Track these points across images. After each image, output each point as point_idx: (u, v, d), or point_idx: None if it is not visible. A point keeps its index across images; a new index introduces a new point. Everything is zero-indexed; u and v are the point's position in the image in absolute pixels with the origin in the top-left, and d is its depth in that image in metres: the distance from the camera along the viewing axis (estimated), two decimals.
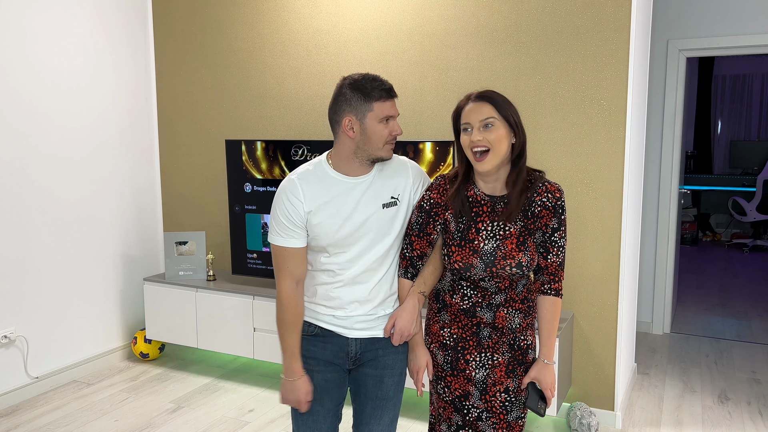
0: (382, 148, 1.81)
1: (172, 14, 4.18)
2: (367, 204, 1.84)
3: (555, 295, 1.82)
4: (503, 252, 1.74)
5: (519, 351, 1.85)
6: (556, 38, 3.14)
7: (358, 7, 3.59)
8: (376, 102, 1.77)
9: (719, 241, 8.57)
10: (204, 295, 3.79)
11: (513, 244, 1.74)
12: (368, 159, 1.83)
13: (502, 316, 1.82)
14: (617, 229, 3.11)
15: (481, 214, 1.78)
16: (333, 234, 1.83)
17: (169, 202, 4.38)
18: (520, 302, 1.83)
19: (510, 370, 1.84)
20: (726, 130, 9.31)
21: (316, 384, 1.91)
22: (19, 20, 3.44)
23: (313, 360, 1.92)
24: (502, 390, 1.84)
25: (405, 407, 3.42)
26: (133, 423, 3.27)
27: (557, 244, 1.78)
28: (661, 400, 3.57)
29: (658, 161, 4.59)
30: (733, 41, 4.27)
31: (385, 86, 1.79)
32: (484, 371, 1.84)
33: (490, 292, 1.81)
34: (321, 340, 1.92)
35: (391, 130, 1.80)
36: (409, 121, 3.54)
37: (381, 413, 1.98)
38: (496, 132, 1.70)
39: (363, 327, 1.92)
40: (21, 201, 3.50)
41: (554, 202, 1.76)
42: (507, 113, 1.71)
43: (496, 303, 1.81)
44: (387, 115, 1.79)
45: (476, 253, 1.76)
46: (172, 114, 4.28)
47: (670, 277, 4.66)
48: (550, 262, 1.80)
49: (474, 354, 1.84)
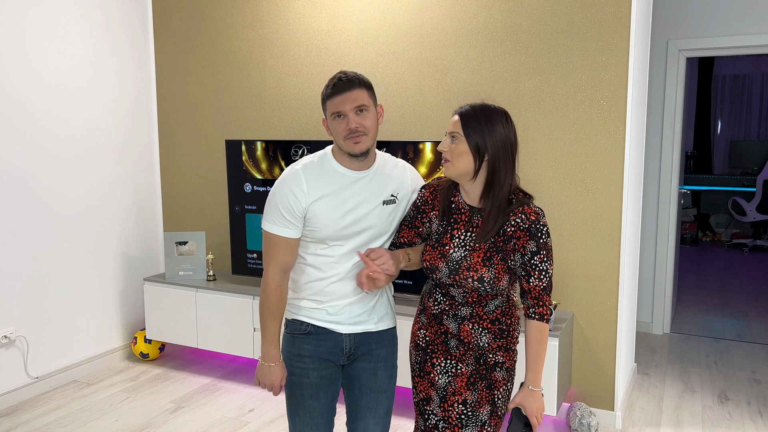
0: (343, 143, 1.82)
1: (172, 14, 4.18)
2: (369, 198, 1.87)
3: (539, 319, 1.77)
4: (468, 263, 1.75)
5: (484, 366, 1.82)
6: (556, 38, 3.14)
7: (358, 7, 3.59)
8: (328, 100, 1.82)
9: (719, 241, 8.57)
10: (204, 295, 3.79)
11: (479, 257, 1.75)
12: (346, 153, 1.85)
13: (467, 331, 1.81)
14: (617, 229, 3.11)
15: (459, 221, 1.81)
16: (333, 225, 1.84)
17: (169, 202, 4.38)
18: (489, 322, 1.81)
19: (471, 383, 1.82)
20: (726, 130, 9.31)
21: (312, 381, 1.93)
22: (20, 20, 3.44)
23: (308, 358, 1.93)
24: (460, 401, 1.83)
25: (403, 407, 3.42)
26: (133, 423, 3.27)
27: (538, 267, 1.74)
28: (661, 400, 3.57)
29: (658, 161, 4.59)
30: (733, 41, 4.27)
31: (332, 82, 1.81)
32: (447, 378, 1.84)
33: (457, 302, 1.82)
34: (314, 338, 1.92)
35: (346, 125, 1.79)
36: (409, 121, 3.54)
37: (376, 406, 2.00)
38: (457, 147, 1.72)
39: (356, 321, 1.94)
40: (21, 201, 3.50)
41: (528, 224, 1.72)
42: (471, 135, 1.70)
43: (462, 315, 1.81)
44: (335, 111, 1.80)
45: (444, 257, 1.79)
46: (172, 114, 4.28)
47: (670, 277, 4.66)
48: (533, 286, 1.75)
49: (441, 359, 1.86)
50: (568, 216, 3.21)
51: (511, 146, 1.73)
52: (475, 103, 1.76)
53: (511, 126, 1.75)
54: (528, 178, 3.27)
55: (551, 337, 2.95)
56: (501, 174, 1.72)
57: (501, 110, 1.75)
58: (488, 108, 1.74)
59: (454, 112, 1.77)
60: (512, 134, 1.74)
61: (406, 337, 3.24)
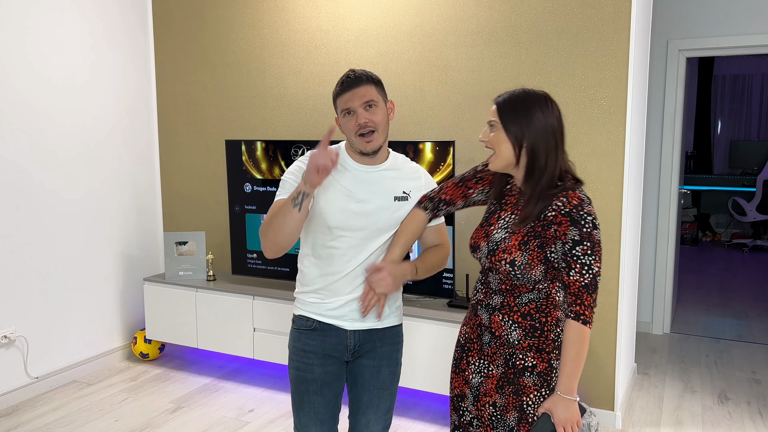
0: (354, 140, 1.86)
1: (172, 14, 4.18)
2: (380, 193, 1.90)
3: (576, 319, 1.62)
4: (505, 245, 1.72)
5: (512, 369, 1.74)
6: (556, 38, 3.14)
7: (358, 7, 3.59)
8: (338, 98, 1.86)
9: (719, 241, 8.56)
10: (204, 295, 3.79)
11: (516, 241, 1.70)
12: (358, 151, 1.89)
13: (497, 322, 1.76)
14: (617, 229, 3.11)
15: (508, 203, 1.80)
16: (338, 212, 1.87)
17: (169, 202, 4.38)
18: (520, 315, 1.73)
19: (499, 386, 1.78)
20: (726, 130, 9.31)
21: (317, 376, 1.94)
22: (19, 20, 3.44)
23: (312, 354, 1.95)
24: (491, 403, 1.80)
25: (405, 407, 3.42)
26: (133, 423, 3.27)
27: (581, 260, 1.60)
28: (661, 400, 3.57)
29: (658, 161, 4.59)
30: (733, 41, 4.27)
31: (341, 80, 1.85)
32: (479, 378, 1.82)
33: (491, 289, 1.79)
34: (320, 334, 1.95)
35: (355, 121, 1.83)
36: (409, 121, 3.54)
37: (378, 402, 2.02)
38: (496, 136, 1.71)
39: (361, 318, 1.95)
40: (21, 201, 3.50)
41: (569, 209, 1.62)
42: (507, 123, 1.68)
43: (493, 304, 1.78)
44: (344, 108, 1.84)
45: (487, 237, 1.77)
46: (172, 114, 4.28)
47: (670, 277, 4.66)
48: (573, 281, 1.62)
49: (475, 358, 1.84)
50: None
51: (553, 131, 1.69)
52: (514, 90, 1.74)
53: (552, 110, 1.69)
54: None
55: None
56: (541, 160, 1.68)
57: (540, 95, 1.70)
58: (527, 94, 1.71)
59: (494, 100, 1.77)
60: (553, 119, 1.69)
61: (412, 336, 3.24)
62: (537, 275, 1.68)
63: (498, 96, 1.76)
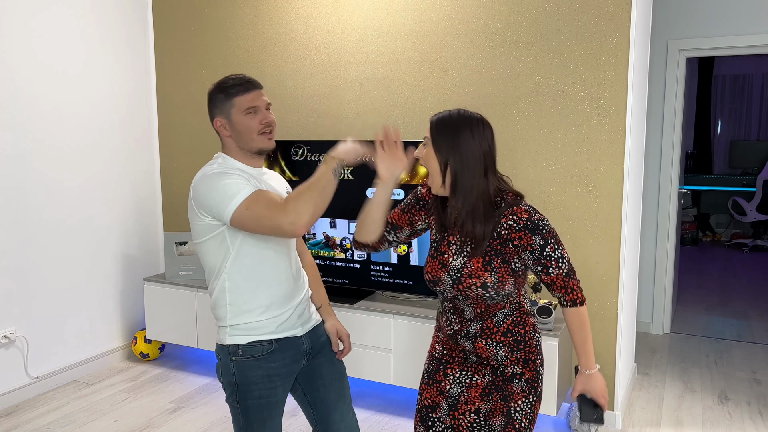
0: (256, 138, 1.84)
1: (172, 14, 4.18)
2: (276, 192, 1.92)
3: (572, 306, 1.74)
4: (469, 270, 1.72)
5: (501, 377, 1.80)
6: (556, 38, 3.14)
7: (358, 6, 3.59)
8: (236, 97, 1.82)
9: (719, 241, 8.56)
10: (204, 295, 3.79)
11: (479, 263, 1.71)
12: (251, 152, 1.87)
13: (482, 347, 1.78)
14: (617, 229, 3.11)
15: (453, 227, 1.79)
16: None
17: (169, 202, 4.38)
18: (501, 334, 1.77)
19: (485, 393, 1.81)
20: (726, 130, 9.31)
21: (279, 398, 1.87)
22: (21, 18, 3.44)
23: (276, 377, 1.85)
24: (473, 410, 1.81)
25: (405, 407, 3.42)
26: (133, 423, 3.27)
27: (553, 257, 1.70)
28: (661, 400, 3.57)
29: (658, 161, 4.59)
30: (733, 41, 4.27)
31: (238, 81, 1.83)
32: (459, 387, 1.83)
33: (466, 318, 1.78)
34: (279, 353, 1.85)
35: (260, 120, 1.83)
36: (409, 121, 3.54)
37: (343, 392, 2.03)
38: (427, 152, 1.74)
39: (306, 319, 1.95)
40: (21, 201, 3.50)
41: (523, 224, 1.68)
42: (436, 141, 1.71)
43: (473, 332, 1.78)
44: (250, 106, 1.82)
45: (444, 268, 1.76)
46: (172, 114, 4.28)
47: (670, 277, 4.66)
48: (555, 276, 1.72)
49: (455, 369, 1.84)
50: (568, 216, 3.21)
51: (482, 155, 1.69)
52: (450, 111, 1.75)
53: (483, 134, 1.70)
54: (528, 178, 3.27)
55: (551, 337, 2.94)
56: (464, 182, 1.69)
57: (475, 118, 1.71)
58: (460, 116, 1.71)
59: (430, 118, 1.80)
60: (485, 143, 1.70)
61: (413, 336, 3.24)
62: (509, 289, 1.73)
63: (434, 114, 1.77)
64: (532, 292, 3.17)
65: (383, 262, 3.39)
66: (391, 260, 3.37)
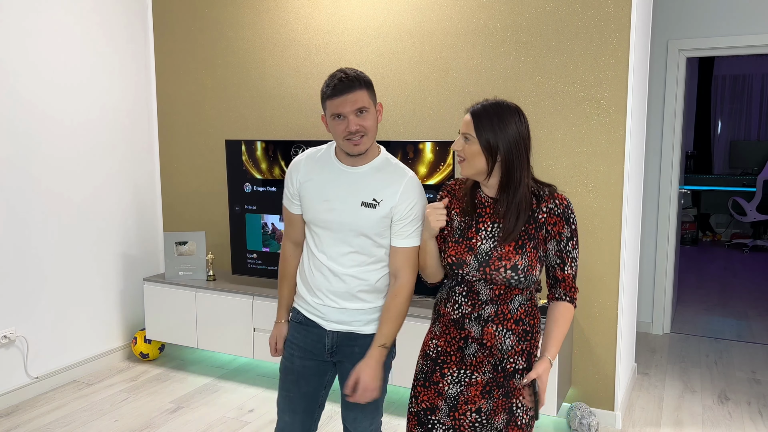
0: (342, 143, 1.85)
1: (172, 14, 4.18)
2: (348, 194, 1.89)
3: (571, 302, 1.77)
4: (499, 253, 1.71)
5: (502, 373, 1.77)
6: (556, 38, 3.14)
7: (358, 7, 3.59)
8: (328, 100, 1.83)
9: (719, 241, 8.56)
10: (204, 295, 3.79)
11: (510, 246, 1.71)
12: (344, 151, 1.89)
13: (491, 333, 1.75)
14: (617, 229, 3.11)
15: (483, 215, 1.78)
16: (312, 208, 1.93)
17: (169, 202, 4.38)
18: (513, 322, 1.76)
19: (486, 391, 1.78)
20: (726, 130, 9.31)
21: (295, 368, 2.00)
22: (20, 20, 3.44)
23: (295, 346, 2.01)
24: (474, 410, 1.78)
25: (405, 408, 3.42)
26: (133, 423, 3.27)
27: (571, 254, 1.75)
28: (661, 400, 3.57)
29: (658, 161, 4.59)
30: (733, 41, 4.27)
31: (334, 82, 1.80)
32: (458, 387, 1.79)
33: (481, 300, 1.75)
34: (304, 328, 2.00)
35: (345, 127, 1.81)
36: (409, 121, 3.54)
37: (362, 405, 2.02)
38: (470, 148, 1.71)
39: (338, 320, 1.96)
40: (21, 201, 3.50)
41: (562, 209, 1.73)
42: (482, 135, 1.69)
43: (485, 316, 1.75)
44: (335, 112, 1.81)
45: (471, 251, 1.74)
46: (172, 114, 4.28)
47: (670, 277, 4.66)
48: (567, 274, 1.75)
49: (453, 369, 1.80)
50: None
51: (524, 143, 1.72)
52: (487, 101, 1.73)
53: (523, 122, 1.72)
54: None
55: None
56: (516, 173, 1.70)
57: (513, 107, 1.72)
58: (501, 105, 1.71)
59: (467, 110, 1.75)
60: (525, 130, 1.73)
61: (414, 336, 3.24)
62: (536, 275, 1.74)
63: (472, 105, 1.74)
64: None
65: None
66: None
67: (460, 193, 1.84)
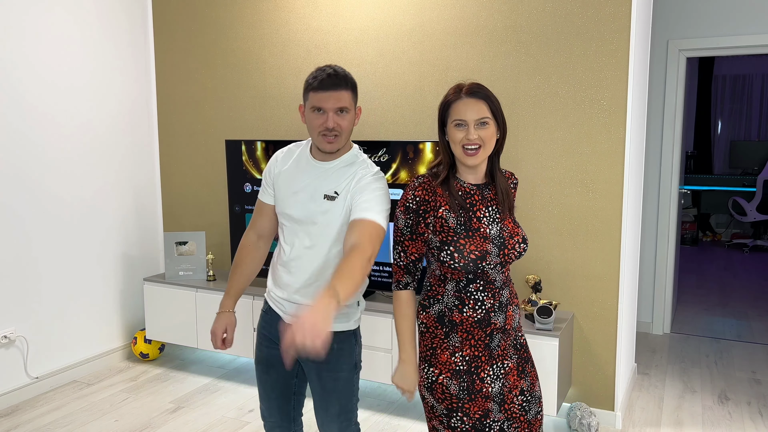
0: (316, 138, 1.83)
1: (172, 14, 4.18)
2: (315, 188, 1.90)
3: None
4: (508, 231, 1.77)
5: (522, 349, 1.86)
6: (556, 38, 3.14)
7: (358, 7, 3.59)
8: (311, 92, 1.80)
9: (719, 241, 8.56)
10: (204, 295, 3.79)
11: (510, 222, 1.79)
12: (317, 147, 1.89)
13: (510, 316, 1.81)
14: (617, 229, 3.11)
15: (474, 203, 1.76)
16: (281, 200, 1.95)
17: (169, 202, 4.38)
18: (514, 296, 1.86)
19: (521, 372, 1.83)
20: (726, 130, 9.31)
21: (263, 356, 2.03)
22: (19, 20, 3.44)
23: (261, 334, 2.05)
24: (518, 393, 1.81)
25: (405, 407, 3.42)
26: (133, 423, 3.27)
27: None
28: (661, 400, 3.57)
29: (658, 161, 4.59)
30: (733, 41, 4.27)
31: (322, 76, 1.77)
32: (499, 382, 1.78)
33: (497, 288, 1.76)
34: (268, 317, 2.04)
35: (323, 122, 1.79)
36: (409, 121, 3.54)
37: (326, 405, 1.96)
38: (489, 130, 1.70)
39: (292, 313, 1.96)
40: (21, 201, 3.50)
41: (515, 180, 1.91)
42: (497, 112, 1.73)
43: (504, 300, 1.78)
44: (316, 105, 1.78)
45: (487, 240, 1.72)
46: (172, 114, 4.28)
47: (670, 277, 4.66)
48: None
49: (487, 369, 1.77)
50: (568, 216, 3.21)
51: None
52: (473, 83, 1.72)
53: None
54: (528, 178, 3.27)
55: (551, 337, 2.94)
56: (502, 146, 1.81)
57: None
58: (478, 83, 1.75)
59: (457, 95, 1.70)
60: None
61: None
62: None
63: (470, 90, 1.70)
64: (533, 292, 3.17)
65: (383, 263, 3.39)
66: (390, 260, 3.37)
67: (441, 189, 1.74)
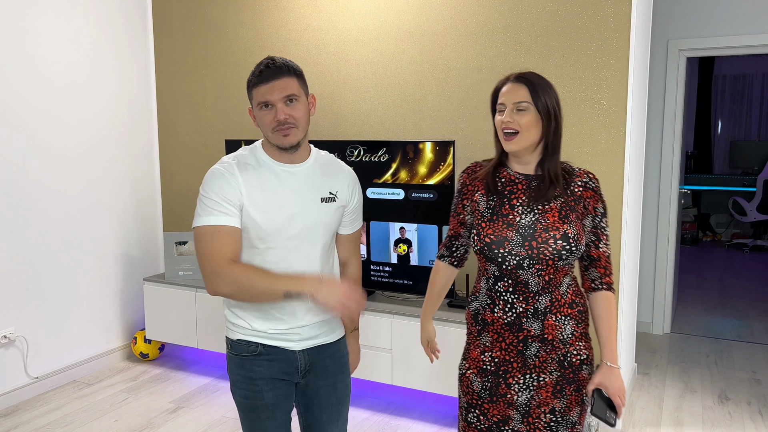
0: (271, 135, 1.69)
1: (172, 14, 4.18)
2: (304, 195, 1.74)
3: (608, 289, 1.69)
4: (544, 224, 1.63)
5: (570, 369, 1.68)
6: (556, 38, 3.14)
7: (358, 6, 3.59)
8: (254, 89, 1.68)
9: (719, 241, 8.56)
10: (204, 295, 3.79)
11: (555, 216, 1.64)
12: (275, 145, 1.72)
13: (551, 325, 1.66)
14: (617, 229, 3.11)
15: (516, 191, 1.69)
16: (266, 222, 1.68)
17: (169, 202, 4.38)
18: (567, 306, 1.68)
19: (558, 390, 1.69)
20: (726, 130, 9.30)
21: (268, 402, 1.77)
22: (19, 19, 3.44)
23: (260, 380, 1.76)
24: (548, 411, 1.69)
25: (405, 407, 3.42)
26: (133, 423, 3.27)
27: (605, 232, 1.71)
28: (661, 400, 3.57)
29: (658, 161, 4.59)
30: (733, 41, 4.27)
31: (259, 69, 1.66)
32: (528, 393, 1.69)
33: (532, 292, 1.65)
34: (266, 359, 1.77)
35: (273, 116, 1.66)
36: (409, 121, 3.54)
37: (337, 417, 1.92)
38: (526, 116, 1.63)
39: (309, 336, 1.80)
40: (21, 201, 3.50)
41: (596, 184, 1.71)
42: (540, 100, 1.63)
43: (542, 309, 1.65)
44: (262, 101, 1.66)
45: (511, 227, 1.65)
46: (172, 114, 4.28)
47: (670, 277, 4.66)
48: (602, 252, 1.70)
49: (517, 377, 1.69)
50: None
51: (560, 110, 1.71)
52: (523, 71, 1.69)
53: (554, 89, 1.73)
54: None
55: None
56: (559, 138, 1.69)
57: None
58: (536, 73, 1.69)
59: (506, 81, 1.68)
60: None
61: (413, 336, 3.24)
62: (583, 247, 1.68)
63: (514, 75, 1.67)
64: None
65: (383, 262, 3.39)
66: (390, 260, 3.37)
67: (482, 174, 1.75)
